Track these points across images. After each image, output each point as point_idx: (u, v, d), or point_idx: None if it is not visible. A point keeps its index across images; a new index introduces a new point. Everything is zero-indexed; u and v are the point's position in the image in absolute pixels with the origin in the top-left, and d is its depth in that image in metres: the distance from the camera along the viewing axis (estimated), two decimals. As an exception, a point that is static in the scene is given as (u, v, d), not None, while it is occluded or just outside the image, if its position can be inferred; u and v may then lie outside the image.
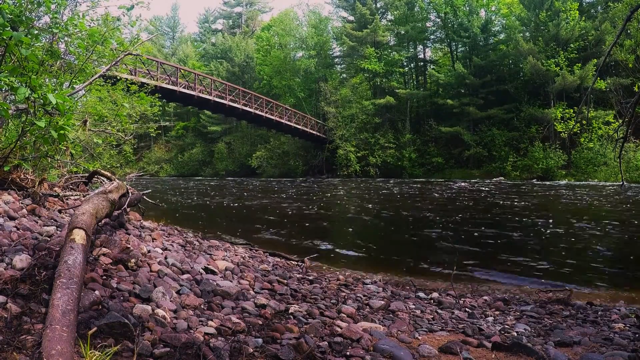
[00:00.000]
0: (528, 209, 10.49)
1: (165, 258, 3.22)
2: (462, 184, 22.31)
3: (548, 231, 7.30)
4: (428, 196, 14.75)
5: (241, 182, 28.53)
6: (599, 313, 3.35)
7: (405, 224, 8.53)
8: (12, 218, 3.05)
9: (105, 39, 5.19)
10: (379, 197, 15.11)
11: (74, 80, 5.44)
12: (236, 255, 4.48)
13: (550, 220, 8.49)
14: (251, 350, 1.77)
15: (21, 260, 2.11)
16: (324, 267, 4.96)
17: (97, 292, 1.98)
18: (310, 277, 4.05)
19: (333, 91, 35.62)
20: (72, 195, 4.59)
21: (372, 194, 16.52)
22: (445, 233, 7.19)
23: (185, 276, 2.91)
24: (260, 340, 1.94)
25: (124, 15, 5.56)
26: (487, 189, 18.17)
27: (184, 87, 23.30)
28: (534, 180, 25.20)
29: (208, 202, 13.19)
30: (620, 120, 17.22)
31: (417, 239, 7.02)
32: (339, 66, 42.78)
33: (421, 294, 3.84)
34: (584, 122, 25.69)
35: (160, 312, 2.02)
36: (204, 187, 21.75)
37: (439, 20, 35.55)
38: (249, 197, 15.25)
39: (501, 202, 12.23)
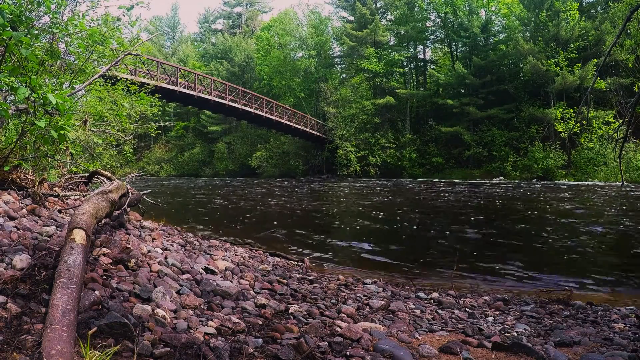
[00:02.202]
0: (527, 210, 10.49)
1: (165, 258, 3.22)
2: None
3: (547, 231, 7.30)
4: (428, 196, 14.75)
5: (241, 182, 28.53)
6: (599, 313, 3.35)
7: (404, 224, 8.53)
8: (12, 218, 3.05)
9: (105, 39, 5.19)
10: (378, 197, 15.11)
11: (74, 80, 5.44)
12: (236, 255, 4.47)
13: (550, 220, 8.49)
14: (251, 350, 1.77)
15: (21, 260, 2.11)
16: (324, 267, 4.96)
17: (97, 292, 1.97)
18: (310, 277, 4.05)
19: (333, 91, 35.62)
20: (72, 195, 4.59)
21: (372, 194, 16.52)
22: (446, 233, 7.19)
23: (185, 276, 2.91)
24: (260, 340, 1.94)
25: (124, 15, 5.57)
26: (485, 189, 18.17)
27: (184, 87, 23.29)
28: (534, 180, 25.20)
29: (208, 202, 13.19)
30: (620, 120, 17.21)
31: (417, 238, 7.02)
32: (339, 66, 42.79)
33: (421, 294, 3.84)
34: (584, 122, 25.67)
35: (160, 312, 2.02)
36: (204, 187, 21.75)
37: (439, 20, 35.56)
38: (248, 197, 15.24)
39: (500, 203, 12.23)
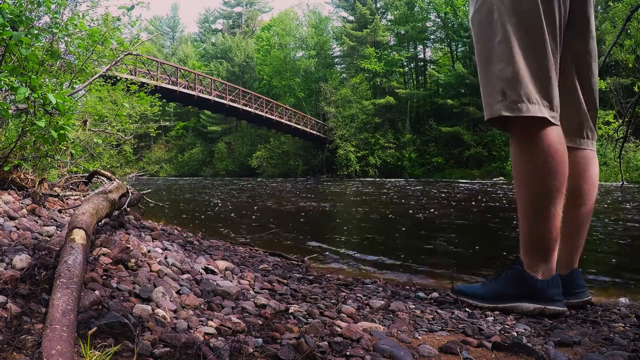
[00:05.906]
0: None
1: (165, 258, 3.22)
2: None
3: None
4: (428, 196, 14.76)
5: (241, 181, 28.54)
6: (599, 313, 3.35)
7: (405, 223, 8.54)
8: (12, 218, 3.05)
9: (105, 39, 5.20)
10: (378, 196, 15.12)
11: (74, 80, 5.45)
12: (236, 255, 4.47)
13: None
14: (251, 350, 1.77)
15: (21, 260, 2.11)
16: (324, 267, 4.97)
17: (97, 292, 1.98)
18: (310, 277, 4.05)
19: (333, 91, 35.68)
20: (72, 195, 4.59)
21: (372, 193, 16.54)
22: (446, 232, 7.19)
23: (185, 276, 2.91)
24: (260, 340, 1.94)
25: (124, 15, 5.57)
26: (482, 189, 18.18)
27: (184, 87, 23.31)
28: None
29: (207, 202, 13.20)
30: (620, 120, 17.22)
31: (418, 238, 7.03)
32: (339, 66, 42.86)
33: (421, 294, 3.84)
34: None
35: (160, 312, 2.02)
36: (204, 187, 21.76)
37: (439, 20, 35.63)
38: (248, 197, 15.26)
39: (502, 203, 12.24)
